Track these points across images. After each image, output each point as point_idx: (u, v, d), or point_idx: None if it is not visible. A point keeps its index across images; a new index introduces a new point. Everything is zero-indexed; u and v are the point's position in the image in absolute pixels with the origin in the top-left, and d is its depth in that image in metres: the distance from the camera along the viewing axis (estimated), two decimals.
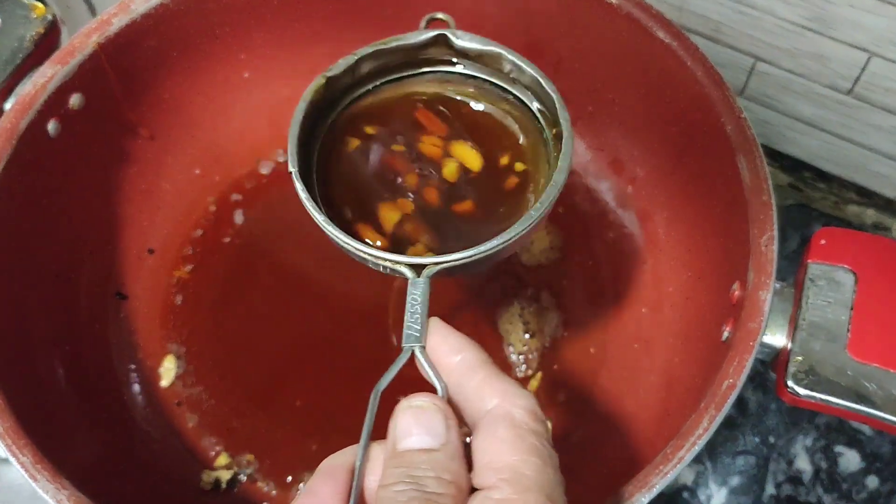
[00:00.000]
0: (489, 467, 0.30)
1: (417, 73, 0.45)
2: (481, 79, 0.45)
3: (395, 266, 0.37)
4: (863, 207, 0.66)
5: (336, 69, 0.43)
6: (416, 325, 0.35)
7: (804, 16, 0.56)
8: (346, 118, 0.44)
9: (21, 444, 0.40)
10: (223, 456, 0.52)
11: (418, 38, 0.44)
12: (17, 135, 0.47)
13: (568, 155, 0.40)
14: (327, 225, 0.38)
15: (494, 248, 0.37)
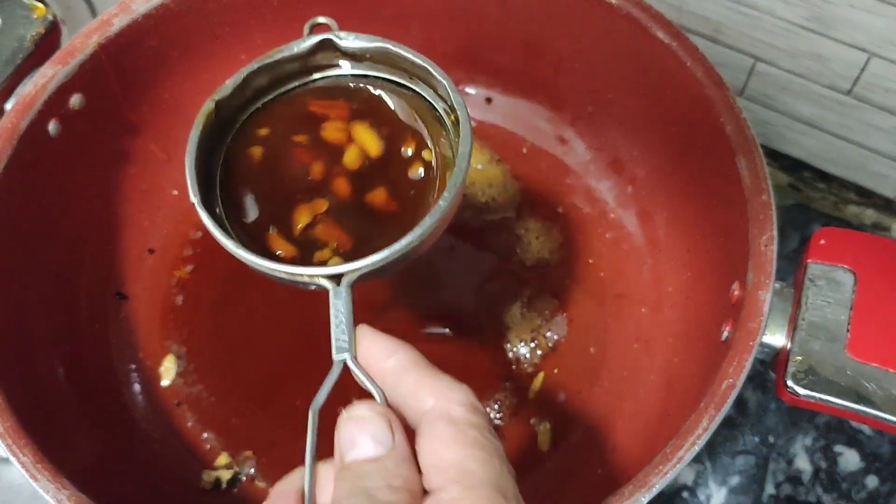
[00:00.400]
0: (434, 469, 0.29)
1: (309, 80, 0.44)
2: (374, 77, 0.44)
3: (313, 279, 0.37)
4: (862, 207, 0.66)
5: (224, 91, 0.42)
6: (343, 336, 0.35)
7: (804, 16, 0.56)
8: (243, 136, 0.43)
9: (21, 444, 0.40)
10: (223, 455, 0.52)
11: (303, 46, 0.43)
12: (18, 135, 0.47)
13: (467, 139, 0.39)
14: (238, 250, 0.37)
15: (409, 244, 0.37)
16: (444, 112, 0.43)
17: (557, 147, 0.61)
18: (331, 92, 0.44)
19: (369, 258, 0.36)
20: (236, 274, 0.58)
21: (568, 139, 0.61)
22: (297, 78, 0.44)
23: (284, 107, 0.44)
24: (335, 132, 0.43)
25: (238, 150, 0.43)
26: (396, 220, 0.40)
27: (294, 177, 0.41)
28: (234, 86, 0.42)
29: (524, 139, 0.61)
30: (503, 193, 0.60)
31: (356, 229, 0.40)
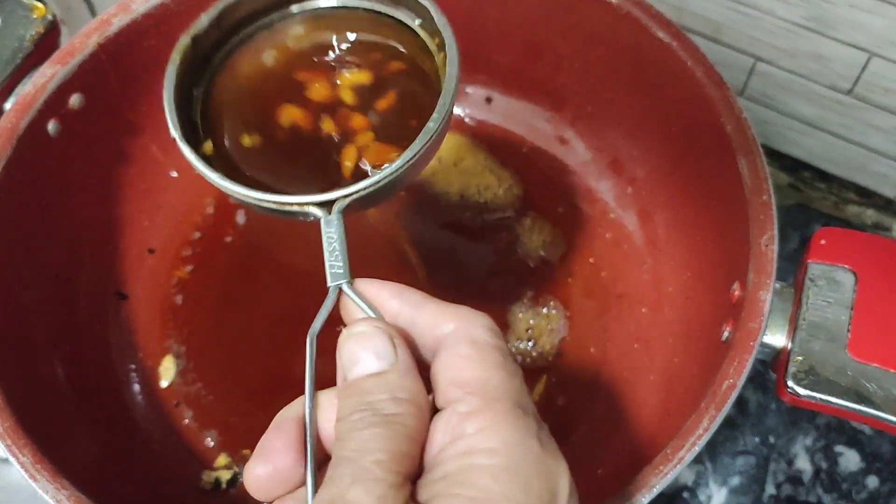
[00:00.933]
0: (454, 383, 0.29)
1: (287, 14, 0.44)
2: (352, 7, 0.43)
3: (303, 208, 0.36)
4: (862, 207, 0.66)
5: (199, 26, 0.41)
6: (337, 263, 0.35)
7: (804, 16, 0.56)
8: (223, 73, 0.43)
9: (21, 444, 0.40)
10: (223, 456, 0.52)
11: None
12: (18, 135, 0.47)
13: (454, 61, 0.39)
14: (224, 182, 0.36)
15: (400, 168, 0.36)
16: (428, 36, 0.42)
17: (557, 147, 0.61)
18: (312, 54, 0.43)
19: (359, 183, 0.36)
20: (237, 274, 0.58)
21: (568, 139, 0.61)
22: (273, 10, 0.43)
23: (264, 40, 0.43)
24: (322, 91, 0.42)
25: (224, 81, 0.42)
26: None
27: (291, 98, 0.41)
28: (210, 20, 0.41)
29: (524, 139, 0.61)
30: (503, 193, 0.60)
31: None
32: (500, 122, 0.62)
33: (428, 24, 0.41)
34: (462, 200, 0.60)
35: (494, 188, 0.60)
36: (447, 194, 0.60)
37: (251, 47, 0.43)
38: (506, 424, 0.28)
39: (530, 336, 0.55)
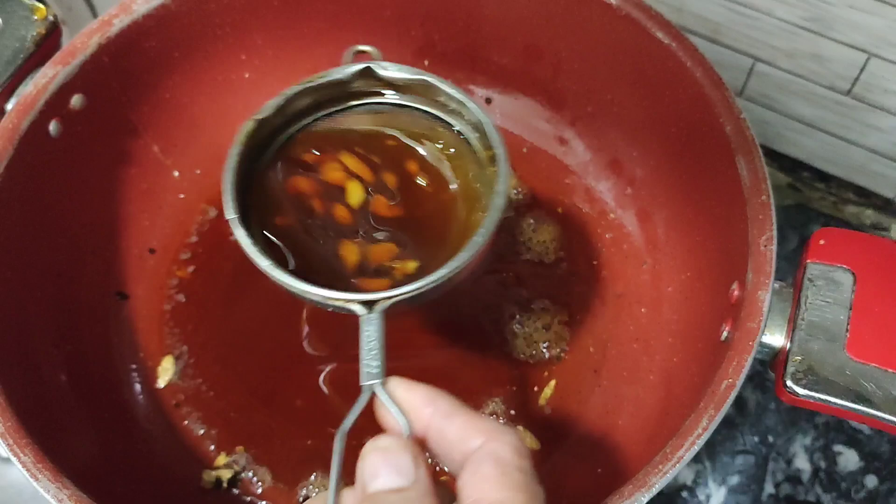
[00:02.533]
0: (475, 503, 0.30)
1: (347, 107, 0.46)
2: (412, 108, 0.45)
3: (346, 304, 0.37)
4: (861, 208, 0.66)
5: (266, 111, 0.43)
6: (374, 363, 0.35)
7: (803, 16, 0.56)
8: (281, 158, 0.44)
9: (22, 444, 0.40)
10: (223, 455, 0.53)
11: (345, 73, 0.44)
12: (19, 135, 0.48)
13: (504, 177, 0.40)
14: (272, 270, 0.38)
15: (443, 276, 0.37)
16: (481, 146, 0.43)
17: (557, 147, 0.61)
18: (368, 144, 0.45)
19: (404, 287, 0.37)
20: (237, 274, 0.58)
21: (568, 139, 0.61)
22: (336, 104, 0.46)
23: (323, 133, 0.45)
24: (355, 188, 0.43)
25: (273, 177, 0.43)
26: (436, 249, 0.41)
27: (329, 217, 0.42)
28: (276, 106, 0.43)
29: (524, 139, 0.62)
30: None
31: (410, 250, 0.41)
32: (500, 122, 0.62)
33: (482, 138, 0.43)
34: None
35: None
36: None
37: (310, 135, 0.45)
38: None
39: (530, 336, 0.55)
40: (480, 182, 0.43)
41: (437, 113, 0.45)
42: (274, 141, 0.44)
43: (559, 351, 0.55)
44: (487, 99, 0.62)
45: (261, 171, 0.44)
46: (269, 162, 0.44)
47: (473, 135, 0.44)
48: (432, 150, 0.45)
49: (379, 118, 0.46)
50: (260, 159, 0.44)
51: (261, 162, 0.44)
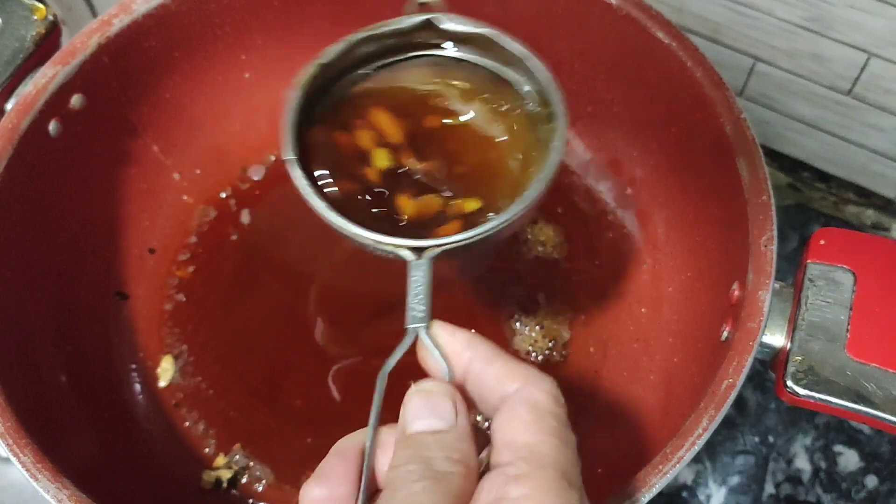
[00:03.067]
0: (507, 446, 0.30)
1: (409, 57, 0.45)
2: (471, 62, 0.45)
3: (396, 250, 0.37)
4: (862, 208, 0.66)
5: (329, 55, 0.43)
6: (420, 307, 0.35)
7: (803, 16, 0.56)
8: (343, 104, 0.44)
9: (22, 444, 0.40)
10: (223, 455, 0.53)
11: (407, 23, 0.44)
12: (19, 135, 0.48)
13: (561, 134, 0.40)
14: (326, 212, 0.38)
15: (493, 228, 0.37)
16: (539, 103, 0.43)
17: None
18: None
19: (454, 237, 0.37)
20: (237, 274, 0.58)
21: (568, 139, 0.61)
22: (397, 53, 0.45)
23: (384, 77, 0.45)
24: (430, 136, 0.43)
25: (334, 123, 0.43)
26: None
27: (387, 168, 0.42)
28: (339, 52, 0.43)
29: None
30: None
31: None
32: None
33: (542, 94, 0.43)
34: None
35: None
36: None
37: (371, 83, 0.45)
38: (549, 494, 0.29)
39: (530, 336, 0.55)
40: (536, 138, 0.43)
41: (499, 67, 0.45)
42: (333, 87, 0.44)
43: (559, 351, 0.55)
44: None
45: (318, 117, 0.43)
46: (327, 109, 0.44)
47: (533, 90, 0.43)
48: (487, 105, 0.44)
49: (437, 70, 0.45)
50: (318, 105, 0.44)
51: (318, 108, 0.44)
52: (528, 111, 0.44)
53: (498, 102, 0.45)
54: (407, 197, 0.41)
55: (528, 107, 0.44)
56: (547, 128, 0.42)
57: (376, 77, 0.45)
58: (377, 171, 0.42)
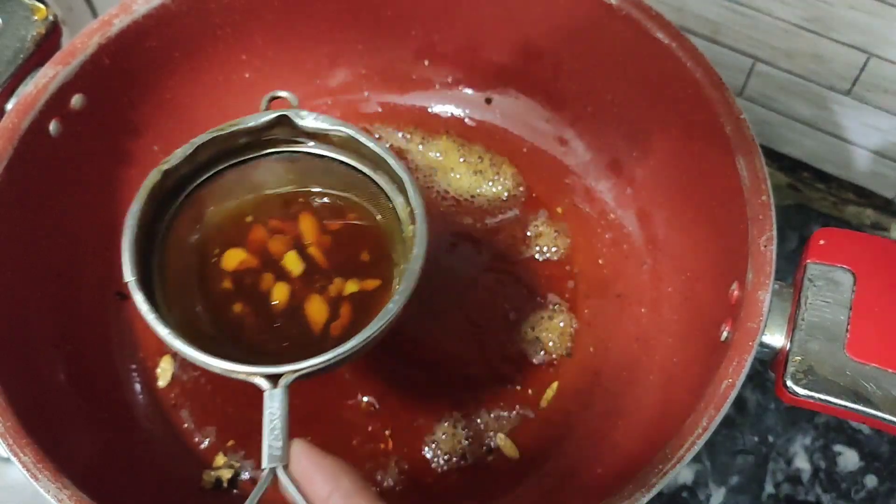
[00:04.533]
0: None
1: (262, 154, 0.43)
2: (329, 158, 0.43)
3: (249, 378, 0.35)
4: (861, 208, 0.66)
5: (173, 160, 0.41)
6: (277, 443, 0.34)
7: (803, 17, 0.56)
8: (189, 211, 0.42)
9: (22, 444, 0.40)
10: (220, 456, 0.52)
11: (260, 121, 0.42)
12: (19, 135, 0.48)
13: (423, 241, 0.38)
14: (172, 341, 0.36)
15: (354, 347, 0.36)
16: (399, 202, 0.41)
17: (557, 147, 0.61)
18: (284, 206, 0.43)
19: (309, 361, 0.35)
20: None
21: (568, 139, 0.61)
22: (249, 151, 0.43)
23: (234, 179, 0.43)
24: (280, 245, 0.42)
25: (181, 233, 0.41)
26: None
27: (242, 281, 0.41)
28: (184, 156, 0.41)
29: (524, 139, 0.62)
30: (502, 194, 0.60)
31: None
32: (500, 123, 0.62)
33: (402, 192, 0.41)
34: (461, 202, 0.60)
35: (493, 189, 0.60)
36: (447, 196, 0.60)
37: (220, 187, 0.43)
38: None
39: (531, 338, 0.55)
40: (399, 240, 0.41)
41: (354, 163, 0.43)
42: (182, 192, 0.42)
43: (559, 351, 0.55)
44: (487, 99, 0.62)
45: (169, 225, 0.41)
46: (177, 216, 0.42)
47: (394, 190, 0.42)
48: (345, 203, 0.43)
49: (293, 167, 0.43)
50: (167, 213, 0.42)
51: (169, 215, 0.42)
52: (391, 211, 0.42)
53: (357, 200, 0.43)
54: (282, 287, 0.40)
55: (389, 206, 0.42)
56: (409, 231, 0.40)
57: (231, 178, 0.43)
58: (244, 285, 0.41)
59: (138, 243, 0.39)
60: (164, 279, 0.40)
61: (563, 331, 0.55)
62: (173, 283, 0.40)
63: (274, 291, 0.41)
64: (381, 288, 0.41)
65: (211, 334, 0.40)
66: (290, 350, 0.39)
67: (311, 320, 0.40)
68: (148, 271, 0.39)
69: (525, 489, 0.51)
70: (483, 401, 0.53)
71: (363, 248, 0.42)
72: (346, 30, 0.59)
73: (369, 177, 0.43)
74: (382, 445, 0.52)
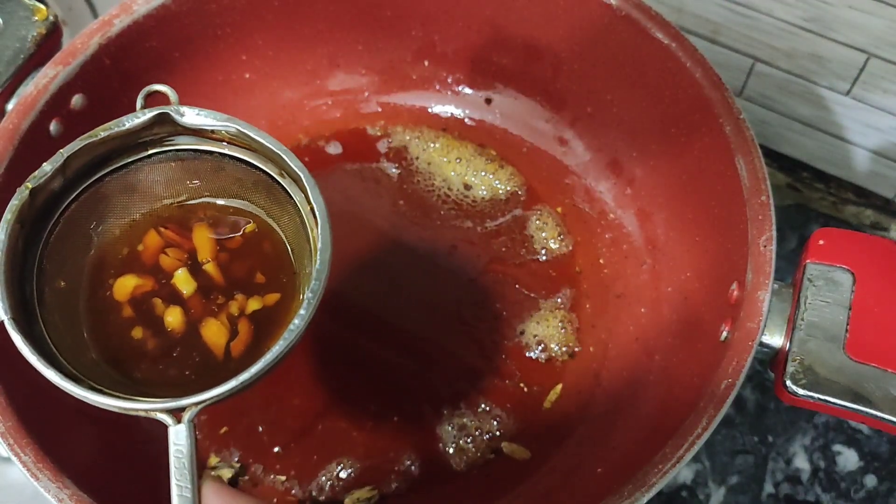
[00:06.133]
0: None
1: (142, 157, 0.39)
2: (219, 154, 0.39)
3: (150, 415, 0.32)
4: (861, 208, 0.66)
5: (40, 176, 0.35)
6: (186, 486, 0.32)
7: (802, 17, 0.56)
8: (68, 231, 0.37)
9: (23, 444, 0.40)
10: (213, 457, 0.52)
11: (136, 121, 0.37)
12: (20, 135, 0.48)
13: (325, 244, 0.35)
14: (61, 381, 0.33)
15: (257, 374, 0.33)
16: (303, 205, 0.38)
17: (557, 147, 0.61)
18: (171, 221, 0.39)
19: (213, 391, 0.33)
20: None
21: (568, 139, 0.61)
22: (130, 154, 0.39)
23: (115, 188, 0.39)
24: (174, 261, 0.38)
25: (62, 258, 0.37)
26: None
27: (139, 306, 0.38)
28: (53, 169, 0.36)
29: (524, 139, 0.62)
30: (502, 194, 0.60)
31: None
32: (500, 123, 0.62)
33: (299, 186, 0.37)
34: (461, 202, 0.60)
35: (493, 189, 0.60)
36: (446, 196, 0.60)
37: (99, 200, 0.38)
38: None
39: (530, 336, 0.55)
40: (304, 244, 0.38)
41: (248, 158, 0.38)
42: (56, 210, 0.37)
43: (561, 352, 0.55)
44: (487, 99, 0.62)
45: (45, 250, 0.37)
46: (53, 238, 0.37)
47: (294, 187, 0.38)
48: (241, 208, 0.39)
49: (180, 168, 0.39)
50: (41, 236, 0.37)
51: (43, 239, 0.37)
52: (292, 210, 0.38)
53: (259, 203, 0.39)
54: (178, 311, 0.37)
55: (290, 205, 0.38)
56: (314, 236, 0.36)
57: (112, 188, 0.38)
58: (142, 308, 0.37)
59: (12, 275, 0.34)
60: (47, 311, 0.36)
61: (564, 331, 0.56)
62: (59, 315, 0.36)
63: (167, 316, 0.37)
64: (282, 301, 0.38)
65: (106, 367, 0.36)
66: (195, 379, 0.36)
67: (211, 344, 0.37)
68: (29, 303, 0.35)
69: (525, 489, 0.51)
70: (485, 402, 0.53)
71: (262, 258, 0.39)
72: (346, 30, 0.59)
73: (266, 173, 0.38)
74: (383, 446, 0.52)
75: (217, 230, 0.39)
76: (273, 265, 0.39)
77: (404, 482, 0.51)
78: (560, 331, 0.55)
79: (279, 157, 0.37)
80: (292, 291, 0.38)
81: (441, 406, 0.53)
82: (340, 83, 0.62)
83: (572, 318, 0.56)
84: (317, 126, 0.62)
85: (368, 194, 0.60)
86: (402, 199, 0.60)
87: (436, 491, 0.51)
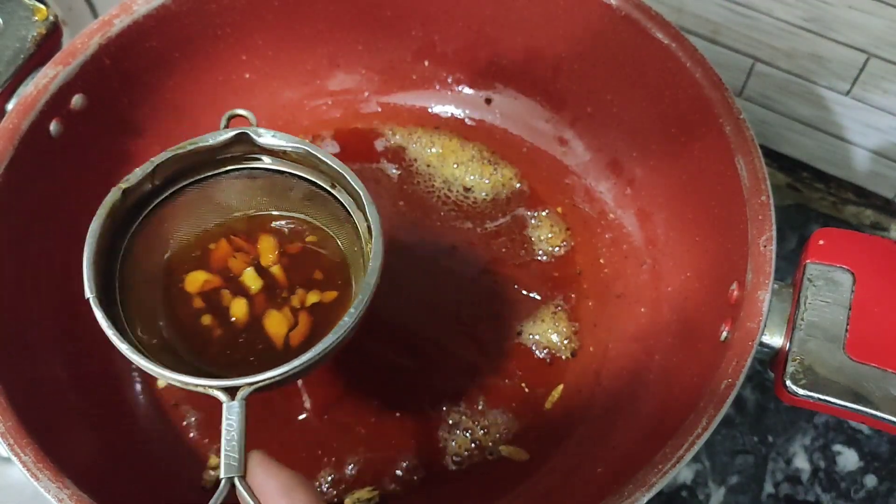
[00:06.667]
0: None
1: (221, 171, 0.44)
2: (289, 174, 0.44)
3: (207, 391, 0.36)
4: (861, 208, 0.66)
5: (132, 179, 0.41)
6: (234, 454, 0.35)
7: (802, 17, 0.56)
8: (150, 229, 0.43)
9: (23, 444, 0.40)
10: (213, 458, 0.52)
11: (219, 139, 0.43)
12: (20, 135, 0.48)
13: (378, 253, 0.39)
14: (132, 354, 0.37)
15: (309, 360, 0.37)
16: (357, 216, 0.42)
17: (557, 147, 0.61)
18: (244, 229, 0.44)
19: (266, 373, 0.36)
20: None
21: (568, 139, 0.61)
22: (209, 169, 0.44)
23: (194, 197, 0.44)
24: (241, 263, 0.43)
25: (142, 250, 0.42)
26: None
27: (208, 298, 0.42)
28: (143, 175, 0.42)
29: (524, 139, 0.62)
30: (502, 194, 0.60)
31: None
32: (500, 123, 0.62)
33: (359, 207, 0.42)
34: (461, 202, 0.60)
35: (494, 189, 0.60)
36: (446, 197, 0.60)
37: (180, 205, 0.44)
38: None
39: (530, 338, 0.55)
40: (357, 254, 0.42)
41: (314, 179, 0.44)
42: (142, 211, 0.43)
43: (561, 352, 0.55)
44: (487, 99, 0.62)
45: (129, 243, 0.42)
46: (137, 234, 0.43)
47: (353, 205, 0.43)
48: (305, 221, 0.44)
49: (253, 185, 0.44)
50: (128, 230, 0.42)
51: (129, 233, 0.42)
52: (350, 226, 0.43)
53: (317, 216, 0.44)
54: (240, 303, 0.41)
55: (347, 222, 0.43)
56: (368, 247, 0.41)
57: (191, 196, 0.44)
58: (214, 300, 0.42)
59: (99, 260, 0.39)
60: (126, 295, 0.41)
61: (564, 331, 0.56)
62: (136, 299, 0.41)
63: (233, 307, 0.42)
64: (339, 300, 0.42)
65: (174, 348, 0.41)
66: (257, 364, 0.40)
67: (271, 334, 0.41)
68: (111, 286, 0.40)
69: (525, 489, 0.51)
70: (486, 403, 0.53)
71: (321, 264, 0.44)
72: (346, 30, 0.59)
73: (329, 192, 0.44)
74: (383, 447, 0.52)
75: (281, 240, 0.44)
76: (330, 270, 0.43)
77: (404, 483, 0.51)
78: (560, 331, 0.56)
79: (342, 177, 0.41)
80: (346, 293, 0.42)
81: (441, 406, 0.53)
82: (340, 83, 0.62)
83: (572, 318, 0.56)
84: (317, 126, 0.62)
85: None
86: (402, 200, 0.60)
87: (436, 491, 0.51)
